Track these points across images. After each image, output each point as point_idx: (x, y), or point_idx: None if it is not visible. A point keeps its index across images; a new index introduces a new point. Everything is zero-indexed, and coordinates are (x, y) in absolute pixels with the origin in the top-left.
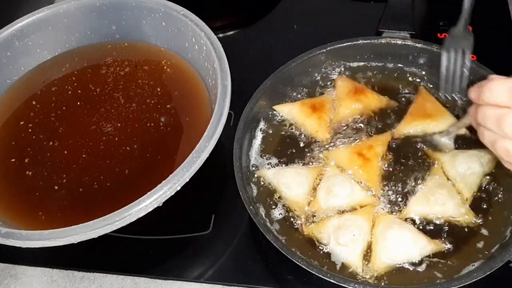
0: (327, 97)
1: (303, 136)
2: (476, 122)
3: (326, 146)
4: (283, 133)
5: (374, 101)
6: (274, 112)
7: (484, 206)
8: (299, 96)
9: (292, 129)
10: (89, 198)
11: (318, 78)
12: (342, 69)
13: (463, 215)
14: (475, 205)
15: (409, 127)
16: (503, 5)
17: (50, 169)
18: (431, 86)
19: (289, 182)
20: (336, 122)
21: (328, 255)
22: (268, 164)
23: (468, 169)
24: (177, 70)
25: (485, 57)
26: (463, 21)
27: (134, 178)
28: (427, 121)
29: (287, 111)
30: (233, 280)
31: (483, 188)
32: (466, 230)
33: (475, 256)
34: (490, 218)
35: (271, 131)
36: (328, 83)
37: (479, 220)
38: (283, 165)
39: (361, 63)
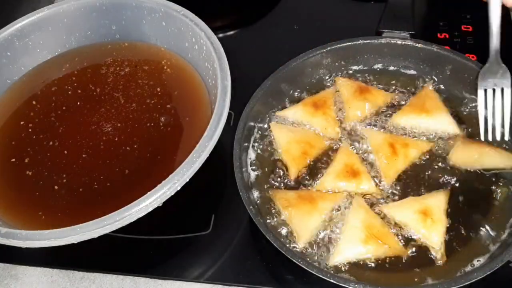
0: (327, 93)
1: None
2: None
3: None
4: None
5: (381, 97)
6: (274, 112)
7: (484, 206)
8: (299, 96)
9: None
10: (89, 198)
11: (318, 78)
12: (342, 69)
13: None
14: (475, 204)
15: (403, 118)
16: (503, 5)
17: (50, 169)
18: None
19: None
20: (348, 124)
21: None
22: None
23: None
24: (177, 70)
25: (485, 57)
26: (494, 54)
27: (134, 178)
28: (422, 116)
29: (292, 114)
30: (233, 280)
31: (483, 188)
32: (466, 229)
33: (475, 256)
34: (492, 218)
35: (271, 131)
36: (328, 83)
37: None
38: None
39: (361, 63)
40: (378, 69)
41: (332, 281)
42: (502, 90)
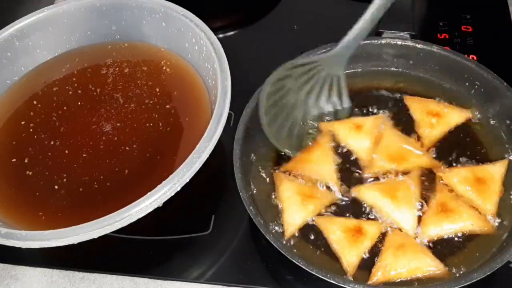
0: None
1: None
2: None
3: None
4: None
5: (455, 117)
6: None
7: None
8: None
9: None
10: (89, 198)
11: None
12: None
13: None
14: None
15: (431, 133)
16: (503, 5)
17: (50, 168)
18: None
19: None
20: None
21: (328, 255)
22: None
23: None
24: (177, 71)
25: (485, 57)
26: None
27: (134, 178)
28: (442, 121)
29: (331, 126)
30: (233, 280)
31: None
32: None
33: (475, 256)
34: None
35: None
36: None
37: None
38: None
39: (361, 64)
40: (378, 70)
41: (331, 281)
42: None
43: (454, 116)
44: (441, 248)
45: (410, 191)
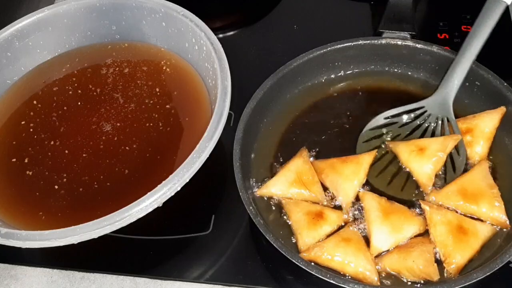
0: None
1: None
2: None
3: None
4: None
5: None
6: (273, 112)
7: None
8: (299, 96)
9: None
10: (89, 198)
11: (319, 78)
12: (343, 69)
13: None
14: None
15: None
16: None
17: (50, 168)
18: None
19: None
20: None
21: None
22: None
23: None
24: (177, 70)
25: (485, 57)
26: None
27: (134, 178)
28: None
29: (395, 147)
30: (233, 280)
31: None
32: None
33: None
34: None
35: (270, 132)
36: (328, 84)
37: None
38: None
39: (361, 64)
40: (378, 70)
41: (331, 281)
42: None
43: None
44: None
45: (408, 221)
